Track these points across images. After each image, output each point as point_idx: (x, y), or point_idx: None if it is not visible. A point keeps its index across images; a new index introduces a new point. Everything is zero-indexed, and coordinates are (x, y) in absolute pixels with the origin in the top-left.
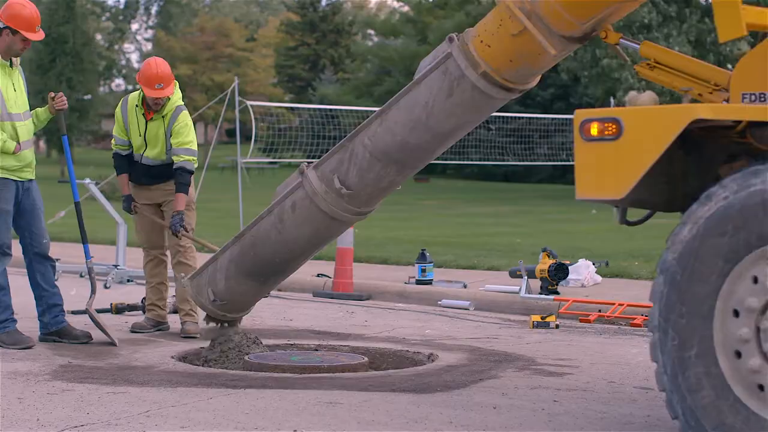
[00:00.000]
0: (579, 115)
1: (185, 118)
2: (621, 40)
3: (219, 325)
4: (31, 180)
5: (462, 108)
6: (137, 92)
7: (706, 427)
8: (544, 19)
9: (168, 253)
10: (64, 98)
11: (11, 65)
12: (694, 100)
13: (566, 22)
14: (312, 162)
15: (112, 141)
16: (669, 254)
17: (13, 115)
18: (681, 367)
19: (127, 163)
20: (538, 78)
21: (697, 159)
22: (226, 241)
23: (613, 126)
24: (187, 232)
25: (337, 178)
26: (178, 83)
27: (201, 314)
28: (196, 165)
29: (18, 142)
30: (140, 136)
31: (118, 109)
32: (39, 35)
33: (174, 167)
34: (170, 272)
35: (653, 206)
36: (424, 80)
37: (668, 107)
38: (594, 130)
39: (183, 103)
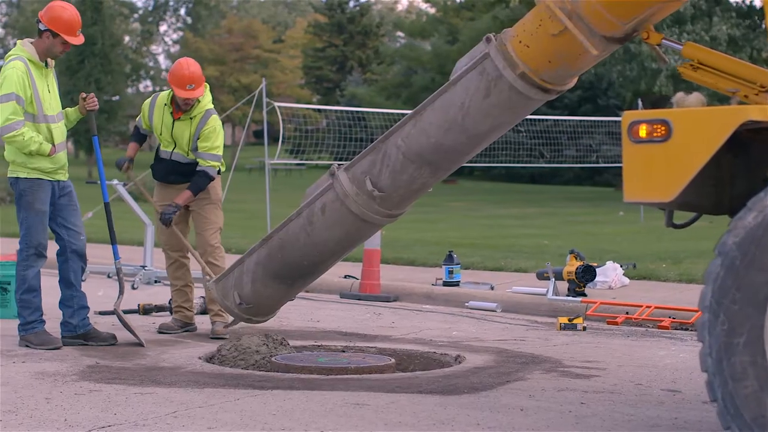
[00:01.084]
0: (627, 116)
1: (215, 122)
2: (663, 40)
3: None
4: (65, 181)
5: (499, 109)
6: (167, 92)
7: (746, 416)
8: (585, 19)
9: (189, 255)
10: (95, 99)
11: (47, 67)
12: (741, 102)
13: (608, 22)
14: (342, 164)
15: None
16: (730, 238)
17: (48, 117)
18: (727, 353)
19: (142, 136)
20: (576, 79)
21: (745, 161)
22: (253, 244)
23: (662, 128)
24: (171, 226)
25: (369, 179)
26: (208, 86)
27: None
28: (223, 168)
29: (53, 144)
30: (169, 134)
31: (146, 103)
32: (79, 39)
33: (197, 168)
34: (195, 273)
35: (701, 209)
36: (461, 81)
37: (718, 109)
38: (643, 131)
39: (213, 106)
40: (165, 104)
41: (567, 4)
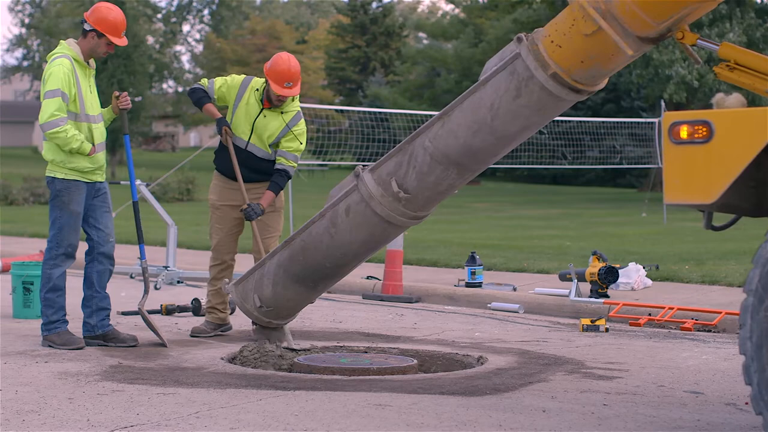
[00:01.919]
0: (668, 117)
1: (303, 125)
2: (698, 41)
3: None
4: (102, 182)
5: (529, 110)
6: (262, 79)
7: None
8: (619, 19)
9: (236, 258)
10: (128, 98)
11: (89, 67)
12: None
13: (642, 22)
14: (366, 165)
15: (203, 80)
16: None
17: (90, 117)
18: None
19: (208, 95)
20: (606, 80)
21: None
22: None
23: (704, 129)
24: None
25: (394, 181)
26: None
27: None
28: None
29: (93, 144)
30: (251, 121)
31: (237, 80)
32: (123, 41)
33: (277, 167)
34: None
35: (741, 211)
36: (490, 81)
37: (760, 110)
38: (684, 132)
39: (300, 109)
40: (256, 90)
41: (601, 4)
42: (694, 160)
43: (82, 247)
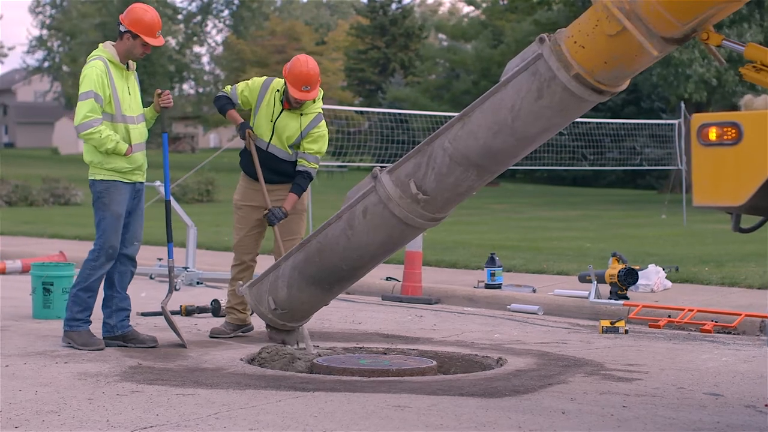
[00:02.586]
0: (697, 119)
1: (325, 127)
2: (723, 41)
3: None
4: (141, 183)
5: (551, 110)
6: (283, 80)
7: None
8: (644, 19)
9: (257, 260)
10: (170, 96)
11: (127, 68)
12: None
13: (667, 22)
14: (384, 166)
15: (226, 87)
16: None
17: (127, 117)
18: None
19: (231, 102)
20: (629, 81)
21: None
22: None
23: (733, 131)
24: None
25: (413, 182)
26: (321, 90)
27: None
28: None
29: (130, 145)
30: (270, 122)
31: (258, 82)
32: (159, 41)
33: (298, 169)
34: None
35: None
36: (511, 82)
37: None
38: (712, 134)
39: (321, 110)
40: (277, 90)
41: (625, 4)
42: (723, 162)
43: None
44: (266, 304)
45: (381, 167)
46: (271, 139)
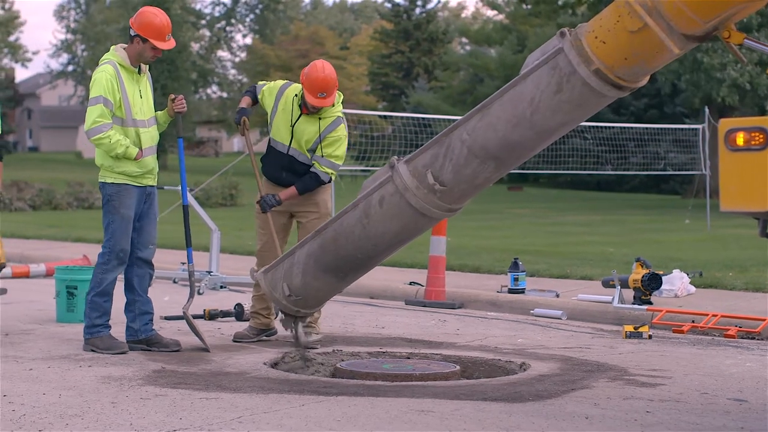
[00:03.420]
0: (724, 124)
1: (342, 131)
2: (745, 40)
3: (295, 332)
4: (152, 186)
5: (570, 105)
6: (301, 85)
7: None
8: (665, 16)
9: None
10: (184, 101)
11: (139, 72)
12: None
13: (689, 20)
14: (401, 157)
15: (259, 82)
16: None
17: (138, 122)
18: None
19: (252, 92)
20: (648, 77)
21: None
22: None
23: (761, 136)
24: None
25: (430, 173)
26: (341, 94)
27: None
28: (334, 177)
29: (140, 149)
30: (290, 126)
31: (277, 84)
32: (169, 44)
33: (311, 170)
34: None
35: None
36: (531, 75)
37: None
38: (740, 139)
39: (341, 114)
40: (295, 95)
41: (648, 1)
42: (751, 167)
43: None
44: (280, 291)
45: (398, 158)
46: (291, 143)
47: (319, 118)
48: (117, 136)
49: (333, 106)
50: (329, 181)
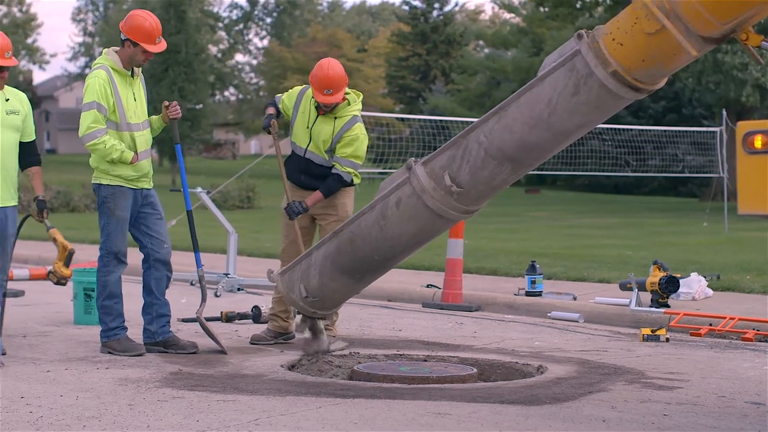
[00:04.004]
0: (742, 127)
1: (358, 129)
2: (763, 42)
3: (312, 335)
4: (149, 189)
5: (587, 107)
6: None
7: None
8: (683, 18)
9: None
10: (178, 107)
11: (132, 75)
12: None
13: (706, 22)
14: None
15: (277, 95)
16: None
17: (132, 125)
18: None
19: (274, 104)
20: (666, 79)
21: None
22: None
23: None
24: (291, 220)
25: (447, 175)
26: (361, 94)
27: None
28: (357, 180)
29: (136, 152)
30: (307, 128)
31: (295, 90)
32: (160, 47)
33: (332, 171)
34: None
35: None
36: (549, 77)
37: None
38: (758, 142)
39: (359, 114)
40: (312, 97)
41: (665, 3)
42: None
43: (137, 254)
44: (297, 292)
45: (415, 159)
46: (308, 145)
47: (335, 118)
48: (112, 141)
49: (348, 103)
50: (352, 183)
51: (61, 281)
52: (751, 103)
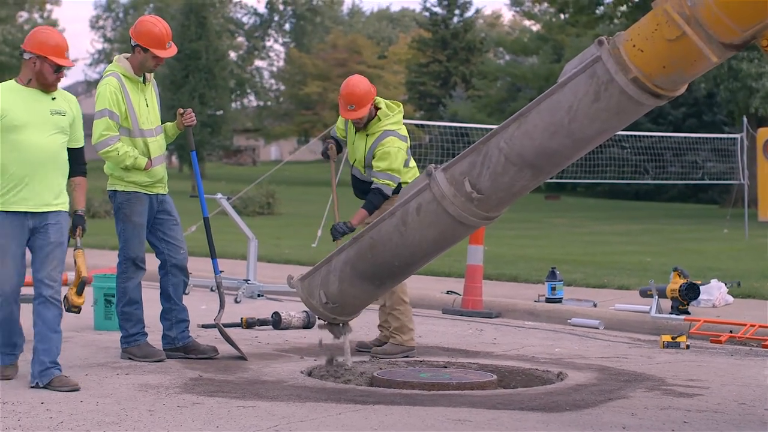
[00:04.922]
0: (762, 133)
1: (391, 144)
2: None
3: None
4: (164, 194)
5: (607, 113)
6: None
7: None
8: (704, 24)
9: None
10: (193, 114)
11: (144, 81)
12: None
13: (727, 28)
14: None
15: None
16: None
17: (145, 131)
18: None
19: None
20: (686, 86)
21: None
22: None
23: None
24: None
25: (468, 181)
26: (401, 105)
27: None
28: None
29: (149, 158)
30: (351, 145)
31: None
32: (170, 52)
33: (372, 186)
34: None
35: None
36: (569, 84)
37: None
38: None
39: (395, 127)
40: None
41: (686, 9)
42: None
43: (155, 260)
44: (317, 298)
45: (436, 166)
46: (354, 162)
47: (367, 134)
48: (125, 148)
49: (379, 119)
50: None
51: (72, 309)
52: (761, 114)
